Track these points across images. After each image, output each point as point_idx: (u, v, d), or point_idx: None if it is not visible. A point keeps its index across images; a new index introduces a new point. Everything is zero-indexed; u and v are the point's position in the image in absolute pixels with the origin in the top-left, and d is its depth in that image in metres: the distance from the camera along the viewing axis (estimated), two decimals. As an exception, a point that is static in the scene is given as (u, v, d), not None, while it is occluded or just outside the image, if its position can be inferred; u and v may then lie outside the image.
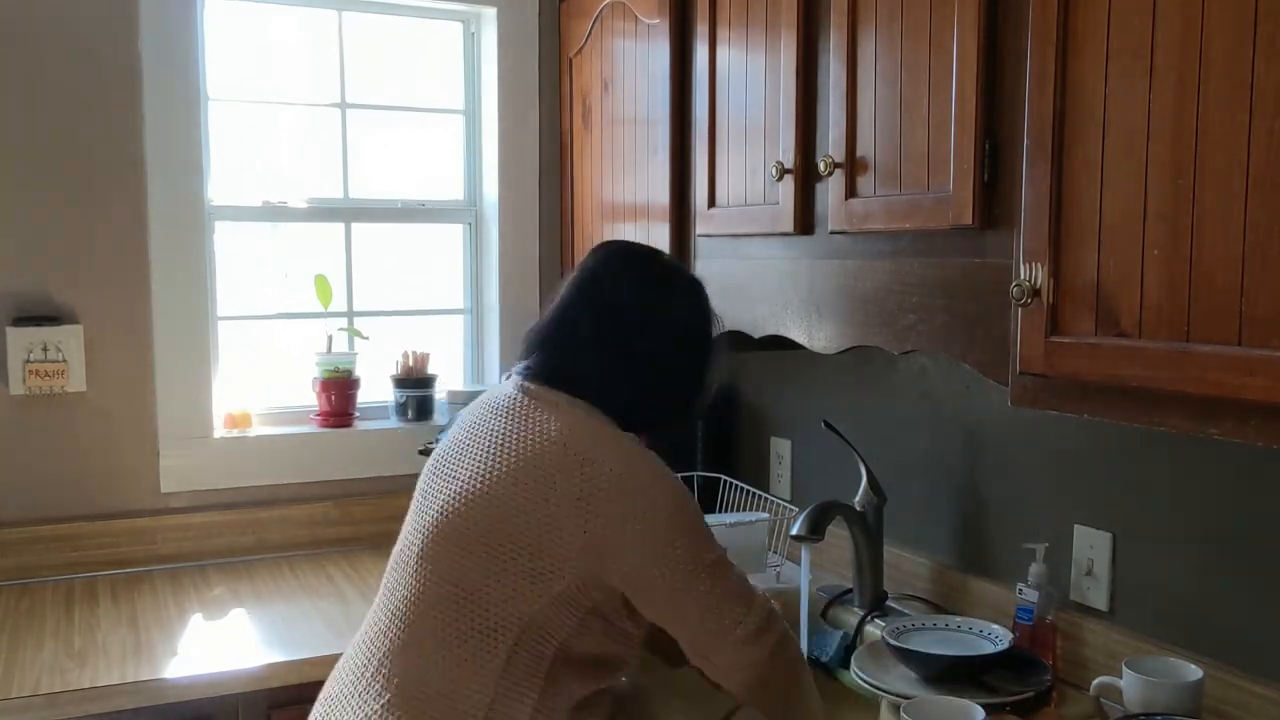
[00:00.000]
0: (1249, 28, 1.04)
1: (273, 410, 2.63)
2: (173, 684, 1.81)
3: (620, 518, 1.38)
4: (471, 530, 1.43)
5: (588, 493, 1.39)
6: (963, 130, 1.41)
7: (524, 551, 1.39)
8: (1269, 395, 1.03)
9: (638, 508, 1.39)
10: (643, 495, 1.40)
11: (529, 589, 1.39)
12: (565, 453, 1.41)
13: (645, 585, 1.41)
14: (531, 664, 1.40)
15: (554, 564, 1.38)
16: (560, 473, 1.40)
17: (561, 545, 1.38)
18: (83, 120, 2.30)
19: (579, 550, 1.38)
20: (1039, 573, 1.71)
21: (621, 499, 1.39)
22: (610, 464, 1.41)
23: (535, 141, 2.76)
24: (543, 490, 1.40)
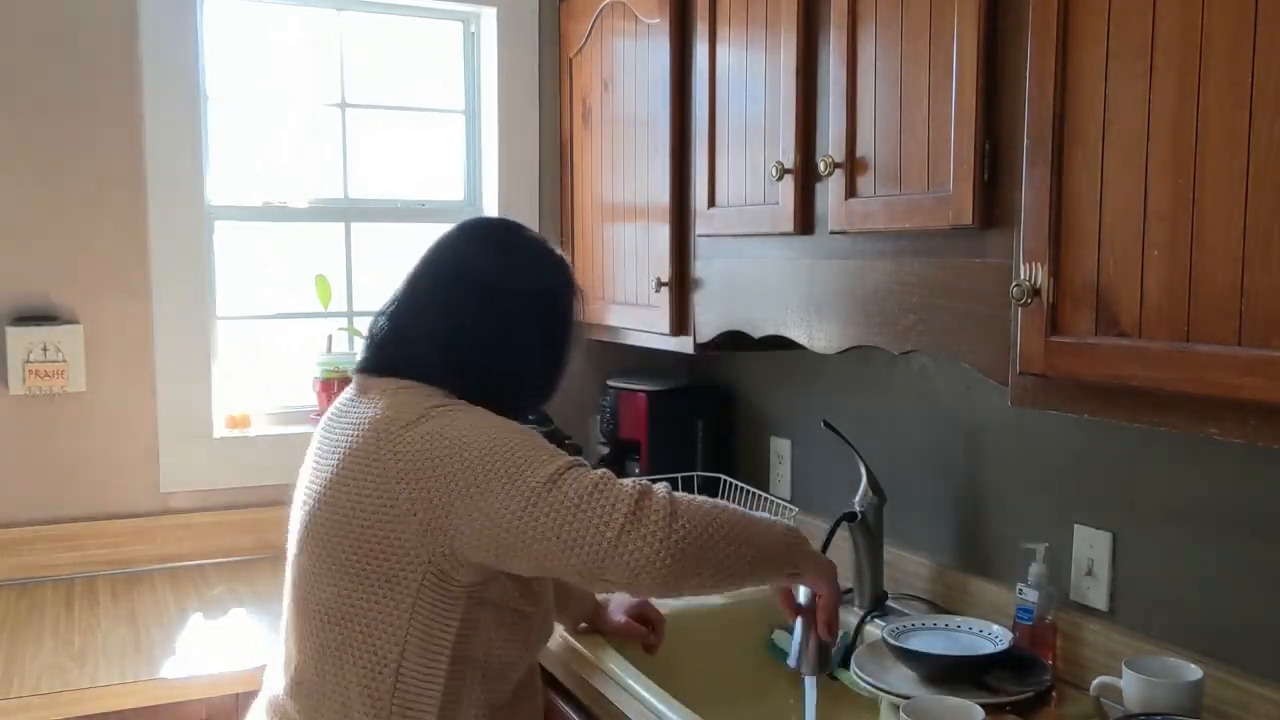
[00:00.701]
0: (1249, 28, 1.04)
1: (273, 410, 2.63)
2: (173, 684, 1.81)
3: (442, 479, 1.27)
4: (321, 548, 1.34)
5: (407, 469, 1.28)
6: (963, 130, 1.41)
7: (369, 554, 1.30)
8: (1268, 395, 1.03)
9: (455, 462, 1.27)
10: (457, 447, 1.28)
11: (388, 594, 1.30)
12: (379, 437, 1.32)
13: (499, 539, 1.26)
14: (424, 681, 1.32)
15: (400, 559, 1.29)
16: (376, 458, 1.31)
17: (400, 535, 1.28)
18: (83, 120, 2.30)
19: (417, 533, 1.28)
20: (1039, 573, 1.71)
21: (437, 460, 1.28)
22: (424, 430, 1.30)
23: (535, 141, 2.76)
24: (369, 482, 1.31)
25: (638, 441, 2.60)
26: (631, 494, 1.26)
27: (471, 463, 1.27)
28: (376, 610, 1.30)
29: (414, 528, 1.28)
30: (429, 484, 1.27)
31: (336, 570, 1.33)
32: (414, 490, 1.28)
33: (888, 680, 1.62)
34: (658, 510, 1.25)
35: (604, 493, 1.25)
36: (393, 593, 1.30)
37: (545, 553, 1.25)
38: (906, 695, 1.52)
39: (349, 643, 1.32)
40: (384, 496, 1.29)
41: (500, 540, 1.26)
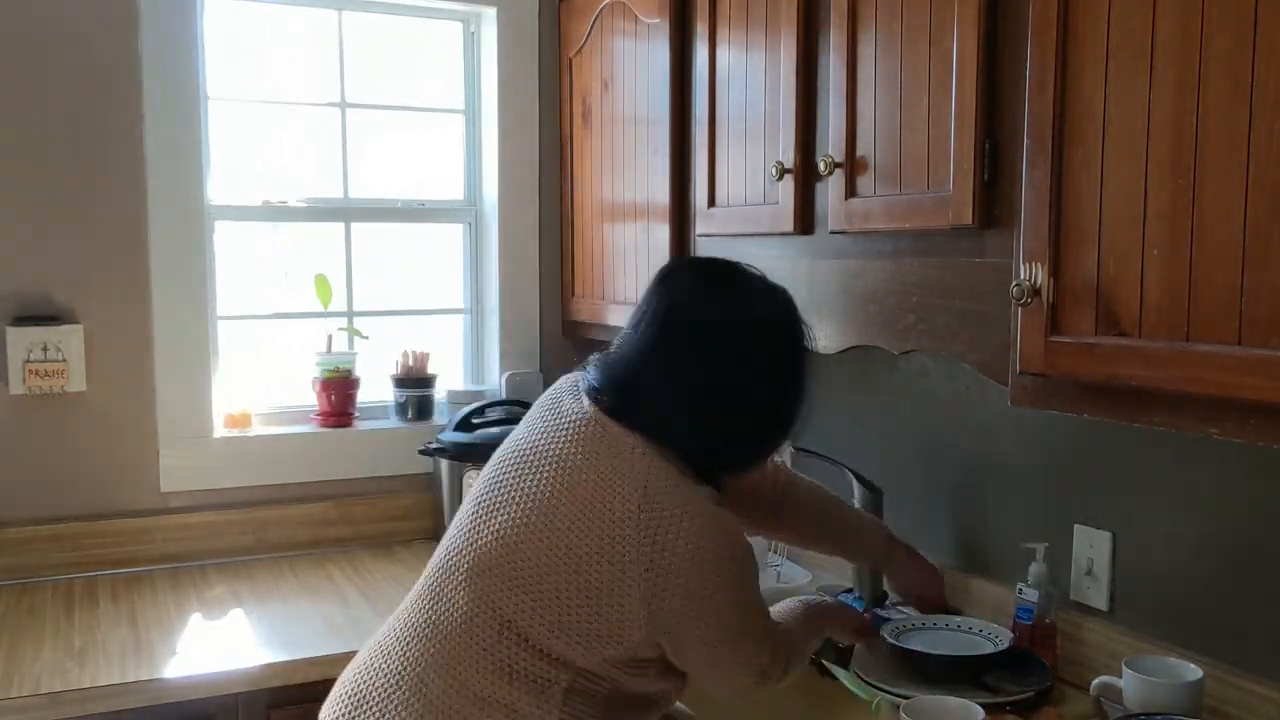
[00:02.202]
0: (1249, 28, 1.04)
1: (273, 410, 2.63)
2: (173, 684, 1.81)
3: (685, 595, 1.29)
4: (525, 567, 1.32)
5: (658, 566, 1.28)
6: (963, 130, 1.41)
7: (582, 609, 1.30)
8: (1268, 395, 1.03)
9: (704, 587, 1.30)
10: (711, 573, 1.31)
11: (582, 646, 1.31)
12: (639, 515, 1.29)
13: (687, 648, 1.35)
14: (588, 703, 1.34)
15: (614, 629, 1.30)
16: (631, 536, 1.29)
17: (624, 612, 1.30)
18: (83, 120, 2.30)
19: (642, 621, 1.30)
20: (1039, 573, 1.71)
21: (690, 576, 1.29)
22: (684, 536, 1.29)
23: (535, 141, 2.76)
24: (610, 549, 1.29)
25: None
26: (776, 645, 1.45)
27: (721, 598, 1.33)
28: (567, 648, 1.32)
29: (641, 615, 1.31)
30: (674, 592, 1.30)
31: (540, 600, 1.32)
32: (657, 588, 1.29)
33: (888, 680, 1.62)
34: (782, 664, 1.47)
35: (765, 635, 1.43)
36: (588, 645, 1.32)
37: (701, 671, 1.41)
38: (906, 695, 1.52)
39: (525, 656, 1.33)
40: (625, 573, 1.29)
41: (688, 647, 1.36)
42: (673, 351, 1.38)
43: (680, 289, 1.42)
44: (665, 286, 1.43)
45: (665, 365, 1.38)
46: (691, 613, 1.31)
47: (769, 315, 1.42)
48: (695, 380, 1.36)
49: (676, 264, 1.54)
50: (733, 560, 1.34)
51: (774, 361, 1.41)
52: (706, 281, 1.44)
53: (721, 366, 1.37)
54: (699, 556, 1.29)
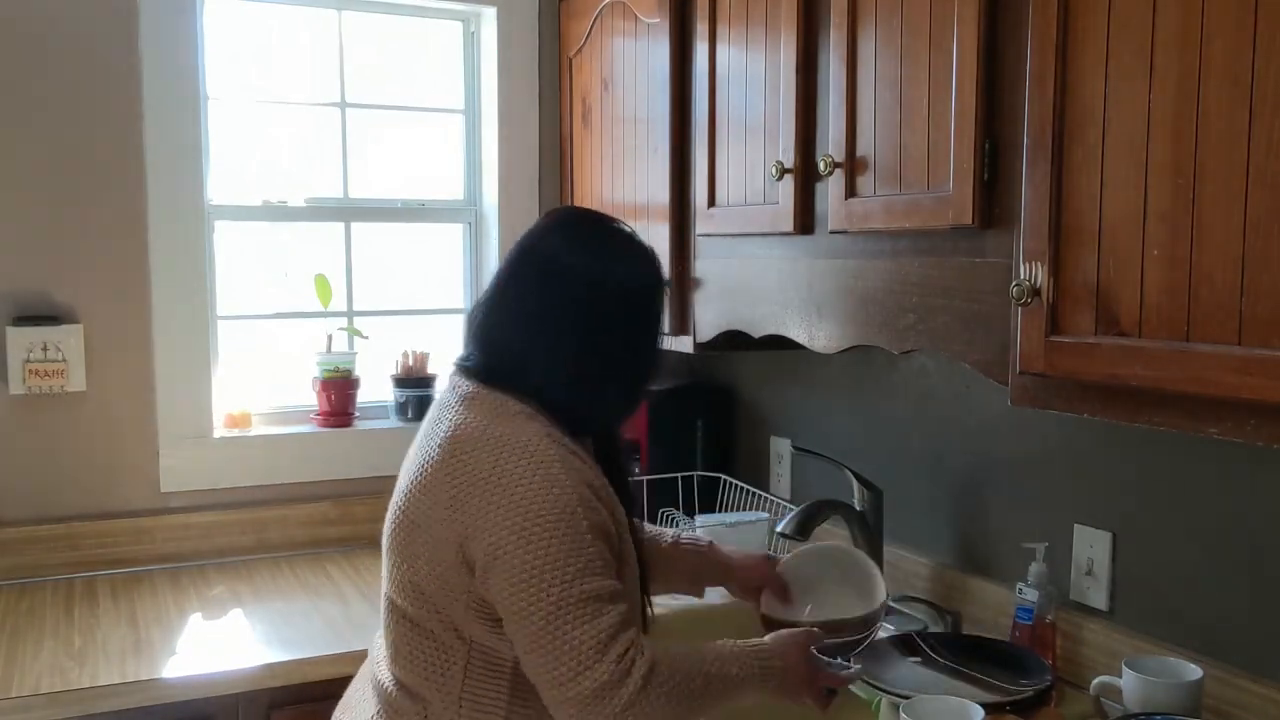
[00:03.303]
0: (1249, 28, 1.04)
1: (273, 410, 2.63)
2: (173, 683, 1.81)
3: (482, 514, 1.28)
4: (394, 554, 1.38)
5: (457, 496, 1.30)
6: (963, 130, 1.41)
7: (423, 570, 1.33)
8: (1268, 395, 1.03)
9: (501, 509, 1.28)
10: (509, 496, 1.28)
11: (446, 608, 1.33)
12: (447, 455, 1.33)
13: (494, 593, 1.29)
14: (489, 681, 1.35)
15: (446, 579, 1.32)
16: (438, 478, 1.33)
17: (444, 556, 1.31)
18: (83, 120, 2.30)
19: (456, 560, 1.30)
20: (1039, 572, 1.71)
21: (487, 496, 1.28)
22: (486, 460, 1.30)
23: (535, 141, 2.76)
24: (428, 502, 1.33)
25: (637, 441, 2.60)
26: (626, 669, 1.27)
27: (514, 532, 1.27)
28: (439, 621, 1.35)
29: (451, 556, 1.31)
30: (470, 518, 1.29)
31: (406, 583, 1.37)
32: (457, 519, 1.30)
33: (888, 680, 1.62)
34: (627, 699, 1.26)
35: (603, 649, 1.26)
36: (447, 611, 1.34)
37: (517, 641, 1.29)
38: (907, 695, 1.52)
39: (420, 642, 1.37)
40: (436, 519, 1.32)
41: (500, 606, 1.29)
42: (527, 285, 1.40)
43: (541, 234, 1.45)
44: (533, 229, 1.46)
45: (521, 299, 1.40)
46: (485, 538, 1.27)
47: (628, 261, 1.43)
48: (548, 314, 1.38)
49: (550, 211, 1.56)
50: (537, 492, 1.28)
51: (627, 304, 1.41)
52: (572, 225, 1.47)
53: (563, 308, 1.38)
54: (494, 472, 1.28)
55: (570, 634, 1.26)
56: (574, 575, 1.27)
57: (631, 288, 1.42)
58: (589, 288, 1.39)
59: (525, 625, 1.27)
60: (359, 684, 1.53)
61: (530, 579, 1.26)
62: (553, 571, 1.26)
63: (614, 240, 1.45)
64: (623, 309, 1.41)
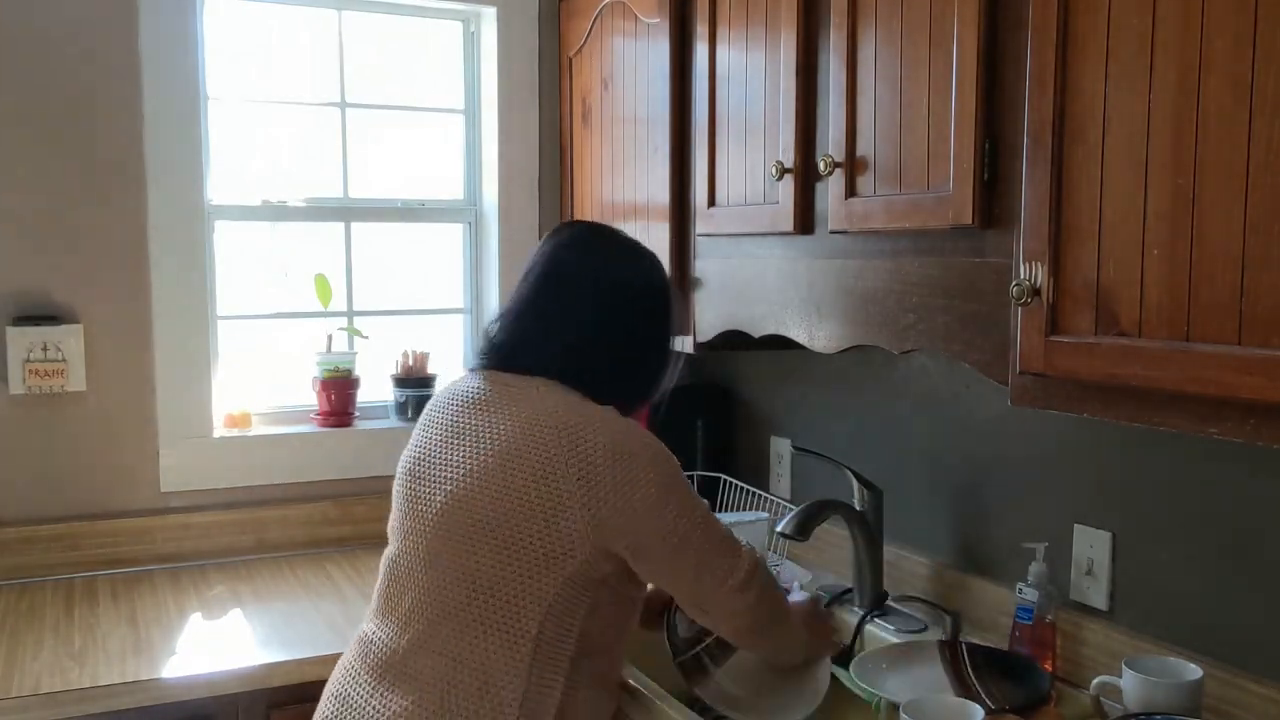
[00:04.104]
0: (1249, 28, 1.04)
1: (273, 410, 2.63)
2: (172, 683, 1.81)
3: (621, 492, 1.43)
4: (476, 525, 1.45)
5: (585, 471, 1.42)
6: (963, 130, 1.41)
7: (533, 537, 1.43)
8: (1268, 394, 1.03)
9: (635, 479, 1.43)
10: (635, 464, 1.44)
11: (543, 573, 1.43)
12: (557, 434, 1.44)
13: (646, 549, 1.46)
14: (557, 648, 1.45)
15: (564, 545, 1.42)
16: (556, 454, 1.43)
17: (569, 526, 1.42)
18: (83, 120, 2.30)
19: (586, 529, 1.42)
20: (1039, 572, 1.71)
21: (619, 473, 1.43)
22: (603, 439, 1.44)
23: (535, 141, 2.76)
24: (541, 474, 1.43)
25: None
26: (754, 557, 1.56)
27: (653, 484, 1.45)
28: (528, 585, 1.43)
29: (584, 520, 1.42)
30: (608, 489, 1.43)
31: (496, 546, 1.44)
32: (592, 490, 1.42)
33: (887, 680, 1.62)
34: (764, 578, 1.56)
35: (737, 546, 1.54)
36: (548, 572, 1.43)
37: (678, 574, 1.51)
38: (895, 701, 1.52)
39: (494, 609, 1.44)
40: (558, 491, 1.42)
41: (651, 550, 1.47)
42: (549, 296, 1.58)
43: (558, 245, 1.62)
44: (545, 245, 1.64)
45: (545, 308, 1.58)
46: (632, 506, 1.43)
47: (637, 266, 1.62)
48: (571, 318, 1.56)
49: (558, 227, 1.70)
50: (656, 455, 1.48)
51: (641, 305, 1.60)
52: (582, 238, 1.64)
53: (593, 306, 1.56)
54: (620, 451, 1.44)
55: (717, 541, 1.51)
56: (697, 500, 1.51)
57: (649, 290, 1.62)
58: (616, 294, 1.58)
59: (686, 554, 1.48)
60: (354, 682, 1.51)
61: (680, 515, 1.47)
62: (689, 504, 1.49)
63: (627, 250, 1.64)
64: (644, 310, 1.61)
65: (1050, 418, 1.74)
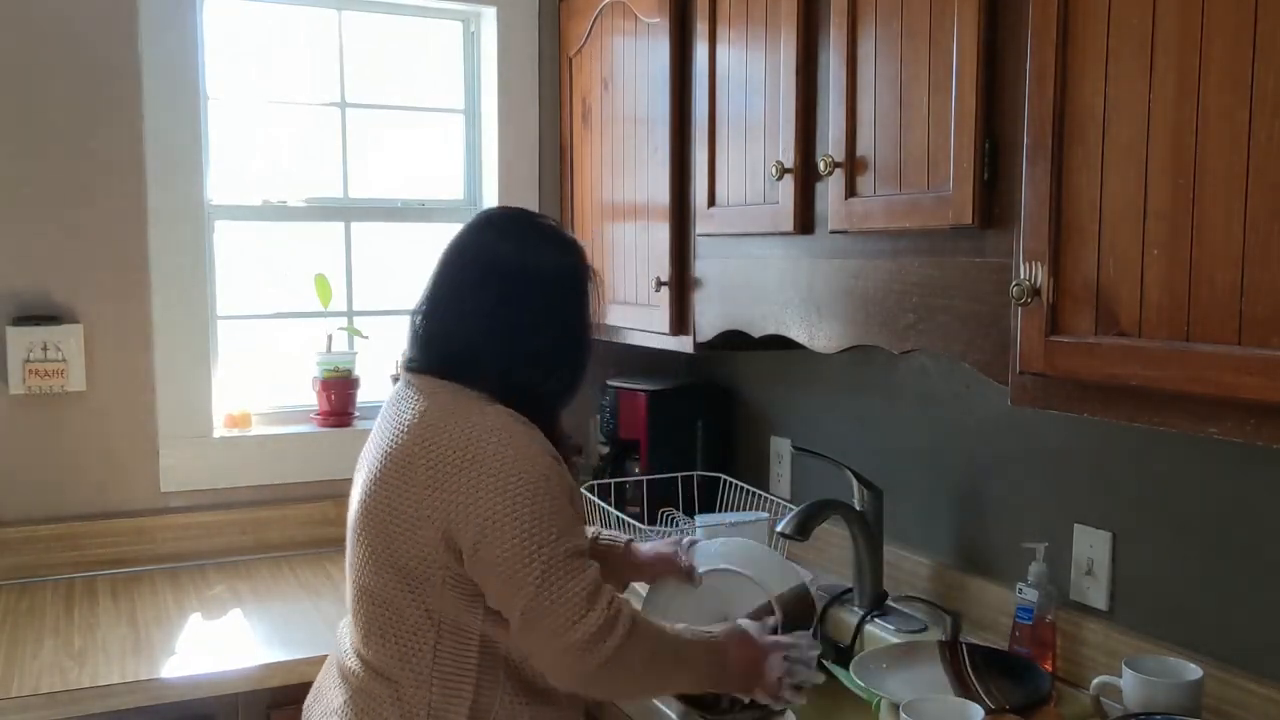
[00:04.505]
0: (1249, 28, 1.04)
1: (273, 410, 2.63)
2: (172, 683, 1.81)
3: (464, 493, 1.35)
4: (363, 538, 1.45)
5: (435, 477, 1.37)
6: (963, 130, 1.41)
7: (400, 550, 1.40)
8: (1268, 395, 1.03)
9: (483, 485, 1.35)
10: (488, 472, 1.36)
11: (419, 586, 1.40)
12: (416, 441, 1.40)
13: (484, 568, 1.36)
14: (459, 658, 1.42)
15: (424, 559, 1.39)
16: (412, 458, 1.39)
17: (424, 538, 1.38)
18: (83, 120, 2.30)
19: (438, 539, 1.38)
20: (1039, 572, 1.71)
21: (466, 475, 1.36)
22: (458, 440, 1.38)
23: (535, 141, 2.76)
24: (401, 483, 1.40)
25: (638, 441, 2.60)
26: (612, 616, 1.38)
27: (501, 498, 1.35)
28: (410, 597, 1.41)
29: (435, 535, 1.38)
30: (454, 494, 1.36)
31: (376, 561, 1.43)
32: (439, 498, 1.37)
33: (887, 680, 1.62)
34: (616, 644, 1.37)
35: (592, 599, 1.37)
36: (422, 585, 1.40)
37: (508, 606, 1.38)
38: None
39: (391, 623, 1.43)
40: (414, 500, 1.39)
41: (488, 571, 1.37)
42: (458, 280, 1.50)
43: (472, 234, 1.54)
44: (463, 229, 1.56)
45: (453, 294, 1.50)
46: (475, 516, 1.35)
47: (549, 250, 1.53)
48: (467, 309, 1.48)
49: (481, 211, 1.64)
50: (519, 468, 1.36)
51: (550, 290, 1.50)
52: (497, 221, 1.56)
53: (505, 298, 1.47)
54: (471, 452, 1.37)
55: (563, 588, 1.35)
56: (558, 535, 1.37)
57: (562, 275, 1.52)
58: (525, 278, 1.48)
59: (519, 588, 1.35)
60: (327, 672, 1.59)
61: (520, 544, 1.34)
62: (540, 534, 1.35)
63: (540, 233, 1.55)
64: (557, 295, 1.51)
65: (1050, 418, 1.74)
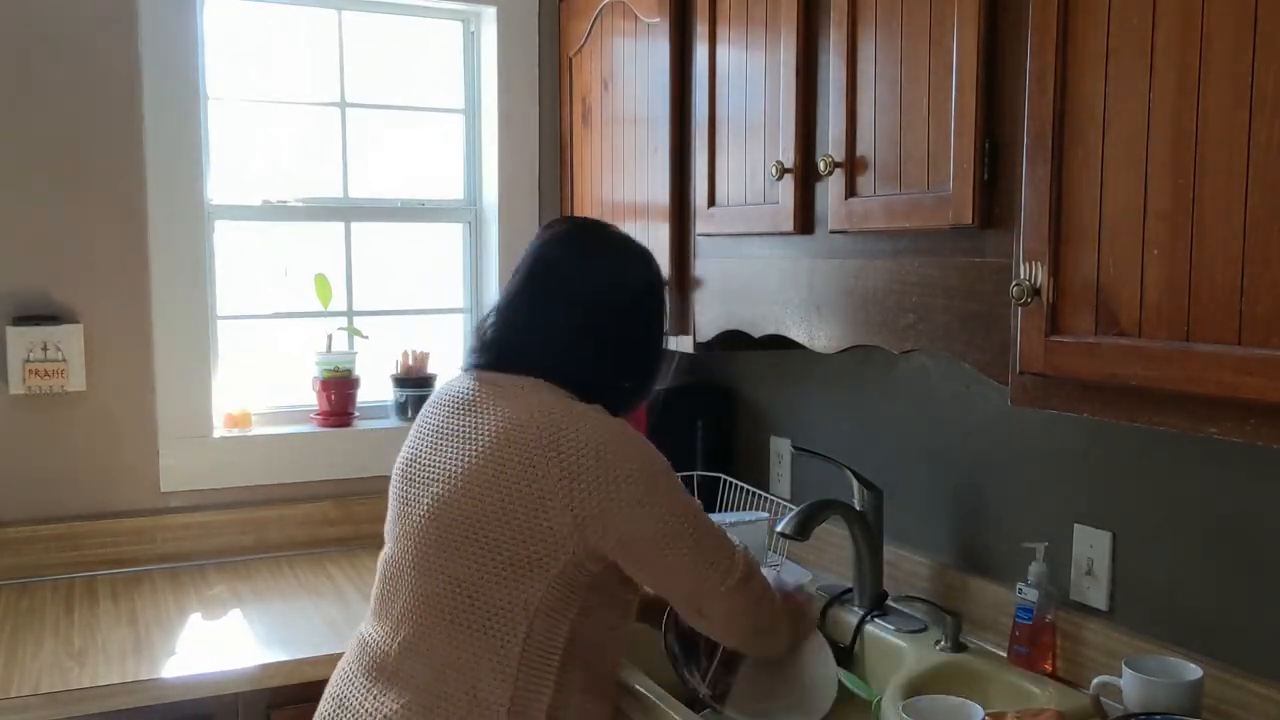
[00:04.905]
0: (1249, 28, 1.04)
1: (273, 410, 2.63)
2: (172, 683, 1.81)
3: (604, 490, 1.41)
4: (461, 528, 1.44)
5: (569, 471, 1.41)
6: (963, 130, 1.41)
7: (516, 539, 1.41)
8: (1268, 395, 1.03)
9: (619, 476, 1.41)
10: (621, 463, 1.42)
11: (528, 576, 1.41)
12: (539, 434, 1.43)
13: (636, 550, 1.44)
14: (545, 652, 1.43)
15: (548, 547, 1.41)
16: (538, 455, 1.42)
17: (552, 527, 1.41)
18: (83, 120, 2.30)
19: (570, 528, 1.41)
20: (1039, 572, 1.71)
21: (601, 471, 1.41)
22: (585, 437, 1.42)
23: (535, 141, 2.76)
24: (524, 475, 1.42)
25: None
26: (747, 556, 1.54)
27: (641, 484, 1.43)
28: (512, 589, 1.42)
29: (567, 522, 1.41)
30: (592, 489, 1.41)
31: (479, 549, 1.43)
32: (575, 491, 1.40)
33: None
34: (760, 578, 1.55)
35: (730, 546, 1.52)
36: (533, 574, 1.42)
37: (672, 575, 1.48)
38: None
39: (481, 612, 1.43)
40: (540, 491, 1.41)
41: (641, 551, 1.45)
42: (536, 293, 1.56)
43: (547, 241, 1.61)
44: (536, 240, 1.63)
45: (532, 306, 1.56)
46: (617, 504, 1.41)
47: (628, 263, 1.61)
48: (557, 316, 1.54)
49: (551, 221, 1.73)
50: (641, 452, 1.46)
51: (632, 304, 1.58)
52: (572, 234, 1.63)
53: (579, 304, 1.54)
54: (603, 449, 1.42)
55: (712, 542, 1.48)
56: (688, 498, 1.49)
57: (639, 285, 1.59)
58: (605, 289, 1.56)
59: (680, 556, 1.45)
60: (351, 683, 1.52)
61: (669, 512, 1.45)
62: (678, 501, 1.46)
63: (617, 244, 1.62)
64: (634, 306, 1.58)
65: (1050, 418, 1.74)
